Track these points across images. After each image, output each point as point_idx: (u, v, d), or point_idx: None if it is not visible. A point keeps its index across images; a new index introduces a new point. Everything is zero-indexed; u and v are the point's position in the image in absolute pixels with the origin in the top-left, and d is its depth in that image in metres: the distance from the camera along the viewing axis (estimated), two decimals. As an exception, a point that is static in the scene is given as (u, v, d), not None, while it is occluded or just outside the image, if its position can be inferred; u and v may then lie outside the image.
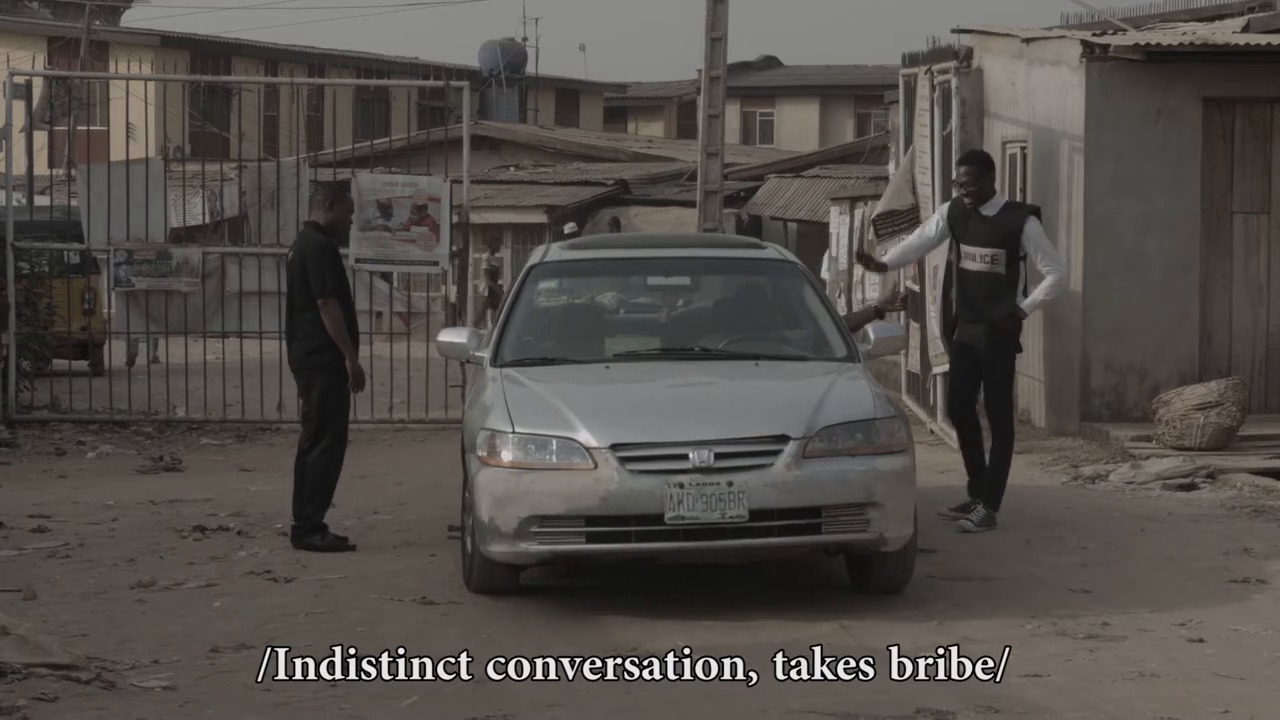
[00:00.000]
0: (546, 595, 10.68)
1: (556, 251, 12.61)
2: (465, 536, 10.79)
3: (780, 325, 11.97)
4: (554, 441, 10.04)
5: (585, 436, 9.97)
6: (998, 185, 13.93)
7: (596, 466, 9.88)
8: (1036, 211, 13.43)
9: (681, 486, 9.76)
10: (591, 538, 9.98)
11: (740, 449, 9.93)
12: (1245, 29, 17.51)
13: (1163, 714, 8.08)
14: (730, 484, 9.77)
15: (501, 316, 11.77)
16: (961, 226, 13.15)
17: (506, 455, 10.11)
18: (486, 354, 11.45)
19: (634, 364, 11.40)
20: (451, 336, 12.13)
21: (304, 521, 12.36)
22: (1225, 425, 15.55)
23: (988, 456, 13.04)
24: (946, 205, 13.78)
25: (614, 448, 9.89)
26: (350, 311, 12.62)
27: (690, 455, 9.84)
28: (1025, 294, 13.05)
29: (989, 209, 13.02)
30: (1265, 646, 9.38)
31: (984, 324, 12.95)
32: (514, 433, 10.13)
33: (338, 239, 13.14)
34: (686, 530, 9.81)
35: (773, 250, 12.86)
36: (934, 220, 13.76)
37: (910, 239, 14.34)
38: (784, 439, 9.95)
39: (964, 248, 13.17)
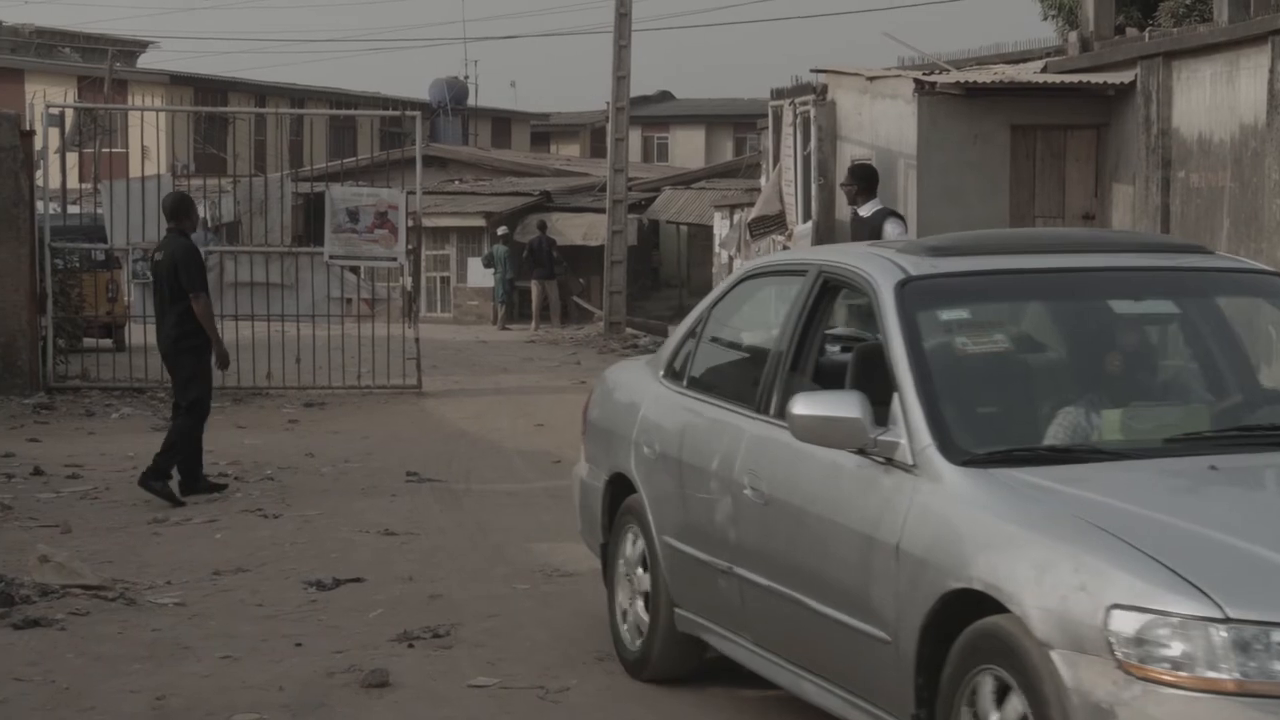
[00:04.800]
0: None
1: (921, 261, 5.96)
2: None
3: None
4: None
5: None
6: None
7: None
8: (895, 214, 13.52)
9: None
10: None
11: None
12: (1044, 69, 17.65)
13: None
14: None
15: (907, 372, 5.48)
16: (853, 230, 13.37)
17: (1220, 669, 4.27)
18: (913, 441, 5.28)
19: (1233, 456, 5.32)
20: (824, 408, 5.47)
21: (156, 468, 11.76)
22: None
23: None
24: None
25: None
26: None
27: None
28: None
29: (865, 210, 13.16)
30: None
31: None
32: (1228, 620, 4.28)
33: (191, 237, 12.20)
34: None
35: (1233, 258, 6.92)
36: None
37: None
38: None
39: None
